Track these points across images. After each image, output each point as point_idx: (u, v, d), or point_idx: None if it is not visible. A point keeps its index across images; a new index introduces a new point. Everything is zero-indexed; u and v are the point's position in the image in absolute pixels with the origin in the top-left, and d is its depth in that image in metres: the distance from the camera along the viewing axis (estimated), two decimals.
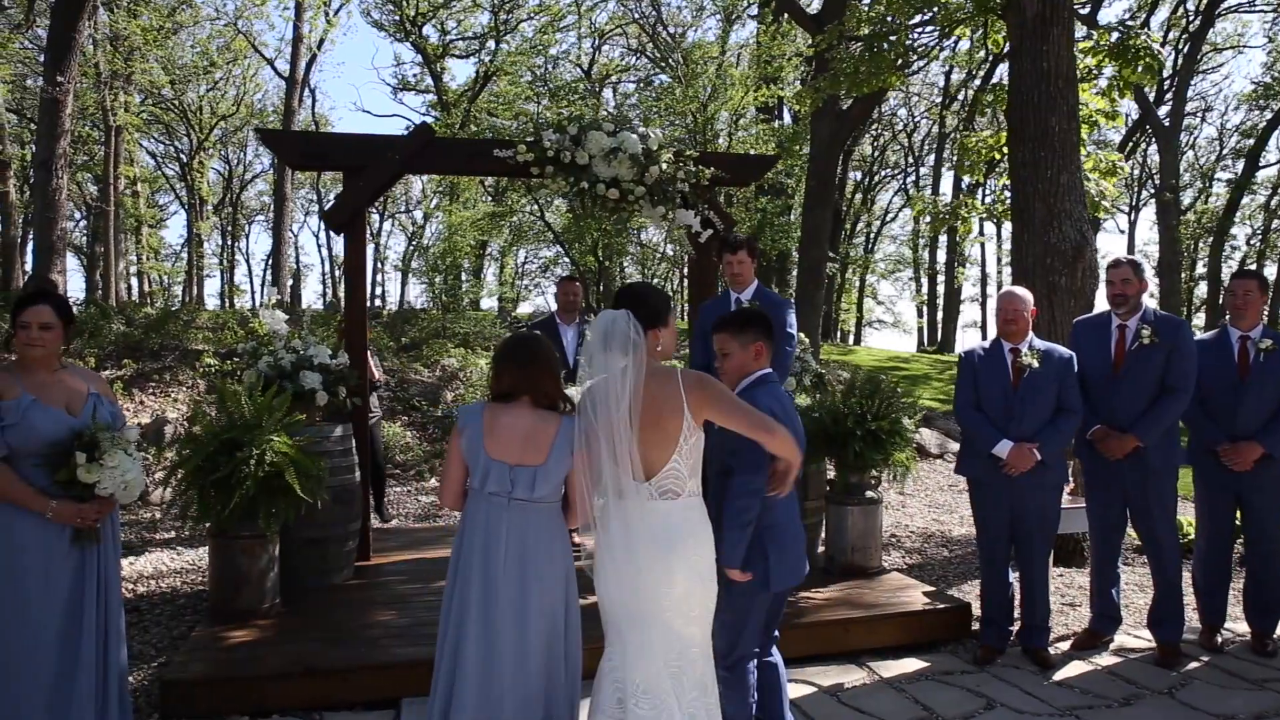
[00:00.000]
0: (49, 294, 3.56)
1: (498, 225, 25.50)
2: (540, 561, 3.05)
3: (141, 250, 31.87)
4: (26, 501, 3.24)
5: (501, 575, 3.03)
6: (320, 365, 5.62)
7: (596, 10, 26.58)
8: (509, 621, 3.02)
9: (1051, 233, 7.16)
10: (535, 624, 3.04)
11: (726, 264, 5.34)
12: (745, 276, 5.33)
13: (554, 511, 3.14)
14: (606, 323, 2.94)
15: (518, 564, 3.03)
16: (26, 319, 3.34)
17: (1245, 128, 33.46)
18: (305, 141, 6.48)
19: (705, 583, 3.03)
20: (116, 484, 3.36)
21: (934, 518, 9.22)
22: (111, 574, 3.51)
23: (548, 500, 3.09)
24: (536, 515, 3.08)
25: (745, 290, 5.33)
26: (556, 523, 3.14)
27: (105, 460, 3.32)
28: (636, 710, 2.90)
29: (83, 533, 3.35)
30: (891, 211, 42.82)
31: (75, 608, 3.32)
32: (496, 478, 3.04)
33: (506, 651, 3.01)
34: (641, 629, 2.96)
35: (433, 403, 12.14)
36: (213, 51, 25.64)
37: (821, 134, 15.80)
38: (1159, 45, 7.49)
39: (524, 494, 3.04)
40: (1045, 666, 4.79)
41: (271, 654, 4.28)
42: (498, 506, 3.06)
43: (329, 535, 5.46)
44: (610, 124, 6.14)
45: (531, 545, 3.06)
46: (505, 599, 3.02)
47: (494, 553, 3.04)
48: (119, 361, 11.30)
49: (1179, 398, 4.80)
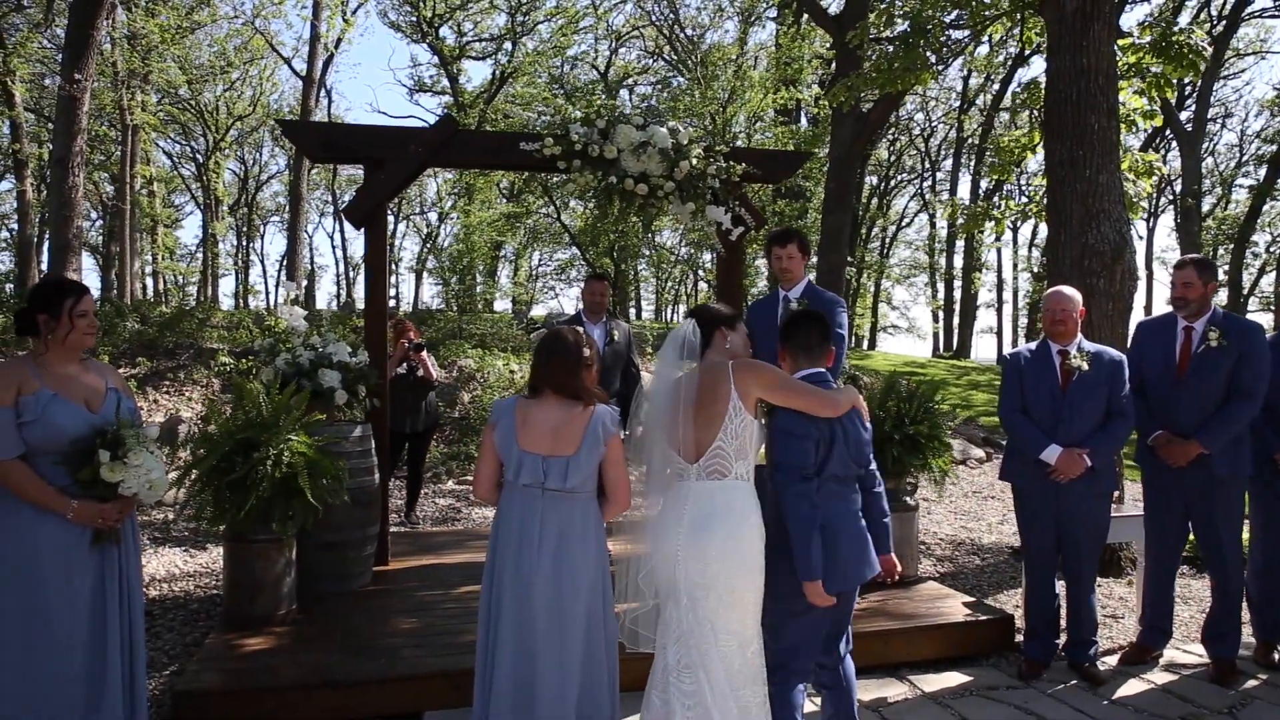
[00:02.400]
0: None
1: (514, 226, 25.37)
2: (574, 550, 3.13)
3: (157, 250, 31.92)
4: (47, 502, 3.10)
5: (535, 565, 3.10)
6: (340, 363, 5.46)
7: (614, 12, 26.49)
8: (543, 612, 3.08)
9: (1090, 233, 6.94)
10: (572, 611, 3.10)
11: (775, 258, 5.10)
12: (795, 272, 5.10)
13: (588, 502, 3.20)
14: (675, 330, 3.27)
15: (552, 554, 3.11)
16: (84, 308, 3.26)
17: (1267, 134, 33.08)
18: (327, 133, 6.32)
19: (744, 566, 3.06)
20: (141, 483, 3.23)
21: (961, 525, 9.00)
22: (133, 576, 3.40)
23: (581, 491, 3.16)
24: (570, 505, 3.15)
25: (795, 287, 5.11)
26: (591, 513, 3.20)
27: (130, 459, 3.19)
28: (678, 684, 3.04)
29: (103, 534, 3.22)
30: (907, 216, 42.59)
31: (99, 611, 3.21)
32: (530, 469, 3.13)
33: (542, 642, 3.07)
34: (676, 605, 3.09)
35: (449, 404, 11.98)
36: (230, 51, 25.59)
37: (842, 136, 15.57)
38: (1204, 41, 7.25)
39: (556, 484, 3.12)
40: (1094, 683, 4.57)
41: (289, 664, 4.11)
42: (532, 497, 3.15)
43: (347, 539, 5.29)
44: (639, 118, 5.98)
45: (566, 534, 3.13)
46: (540, 590, 3.09)
47: (528, 543, 3.12)
48: (133, 360, 11.20)
49: (1250, 403, 4.56)
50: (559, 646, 3.07)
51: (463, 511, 8.93)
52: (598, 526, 3.22)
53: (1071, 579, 4.71)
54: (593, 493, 3.21)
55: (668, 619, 3.11)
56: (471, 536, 7.19)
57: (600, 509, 3.23)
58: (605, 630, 3.20)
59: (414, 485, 8.14)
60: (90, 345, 3.35)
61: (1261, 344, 4.65)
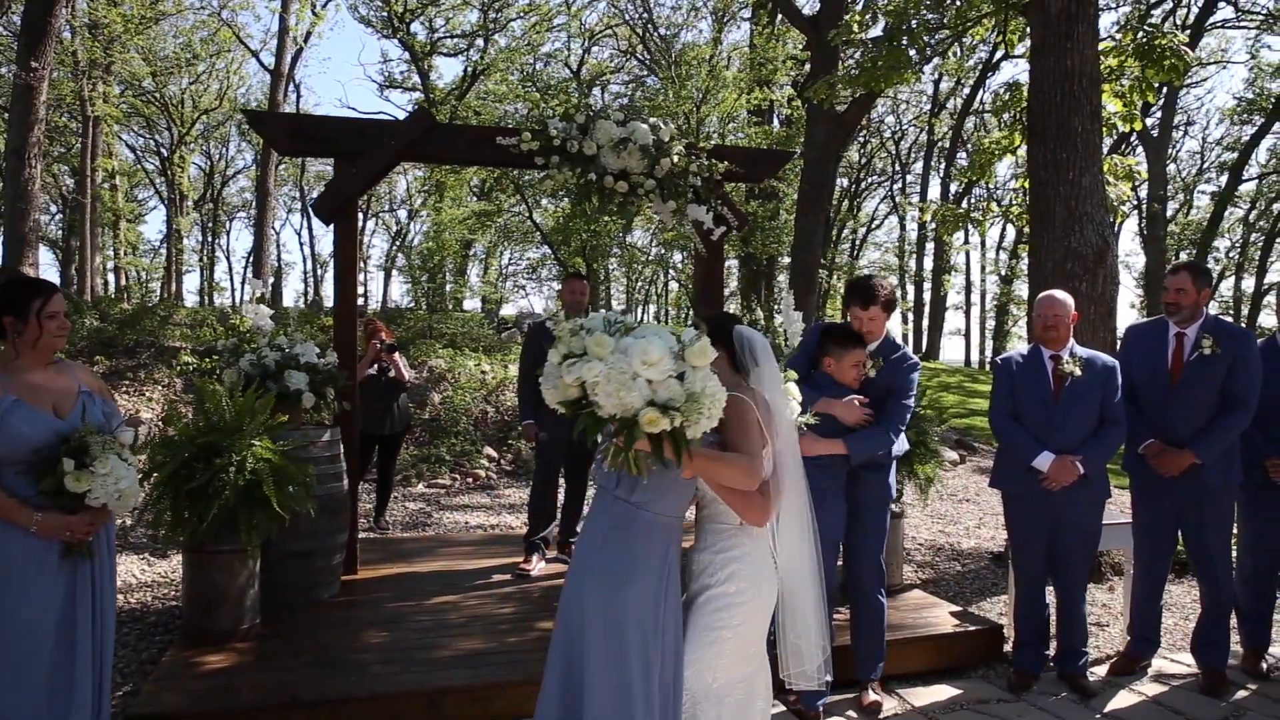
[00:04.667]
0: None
1: (484, 224, 25.09)
2: (623, 572, 2.68)
3: (119, 245, 31.19)
4: (8, 514, 2.91)
5: (581, 572, 2.74)
6: (307, 364, 5.24)
7: (587, 10, 26.28)
8: (577, 625, 2.70)
9: (1073, 236, 6.88)
10: (613, 635, 2.64)
11: (855, 319, 4.31)
12: (878, 333, 4.33)
13: (657, 525, 2.73)
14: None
15: (601, 568, 2.70)
16: (54, 309, 3.09)
17: (1228, 142, 33.69)
18: (295, 124, 6.08)
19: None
20: (109, 493, 3.03)
21: (939, 529, 8.93)
22: (106, 594, 3.19)
23: (649, 509, 2.71)
24: (634, 521, 2.72)
25: (872, 344, 4.36)
26: (659, 538, 2.73)
27: (96, 467, 2.98)
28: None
29: (74, 547, 3.02)
30: (878, 219, 42.84)
31: (68, 630, 3.02)
32: (612, 470, 2.72)
33: (576, 659, 2.70)
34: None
35: (420, 405, 11.73)
36: (196, 43, 25.06)
37: (816, 137, 15.52)
38: (1185, 45, 7.22)
39: (624, 494, 2.72)
40: (1086, 695, 4.47)
41: (250, 683, 3.88)
42: (602, 499, 2.81)
43: (315, 548, 5.06)
44: (620, 114, 5.81)
45: (621, 552, 2.70)
46: (588, 600, 2.69)
47: (585, 546, 2.78)
48: (91, 358, 10.82)
49: (1243, 413, 4.49)
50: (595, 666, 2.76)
51: (434, 516, 8.71)
52: (662, 556, 2.81)
53: (1063, 588, 4.61)
54: (672, 520, 2.85)
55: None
56: (444, 543, 6.98)
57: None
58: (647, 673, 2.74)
59: (384, 490, 7.92)
60: (60, 347, 3.18)
61: (1253, 351, 4.58)
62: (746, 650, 2.82)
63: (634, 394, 2.40)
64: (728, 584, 2.80)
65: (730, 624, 2.78)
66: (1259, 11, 26.06)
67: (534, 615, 4.97)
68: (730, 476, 2.65)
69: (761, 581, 2.81)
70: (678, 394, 2.43)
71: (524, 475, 10.51)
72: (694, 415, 2.43)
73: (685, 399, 2.43)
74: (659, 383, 2.43)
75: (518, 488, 10.17)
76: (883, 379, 4.24)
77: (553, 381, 2.55)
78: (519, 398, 6.49)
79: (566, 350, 2.51)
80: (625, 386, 2.39)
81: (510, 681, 3.96)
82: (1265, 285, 35.51)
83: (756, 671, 2.86)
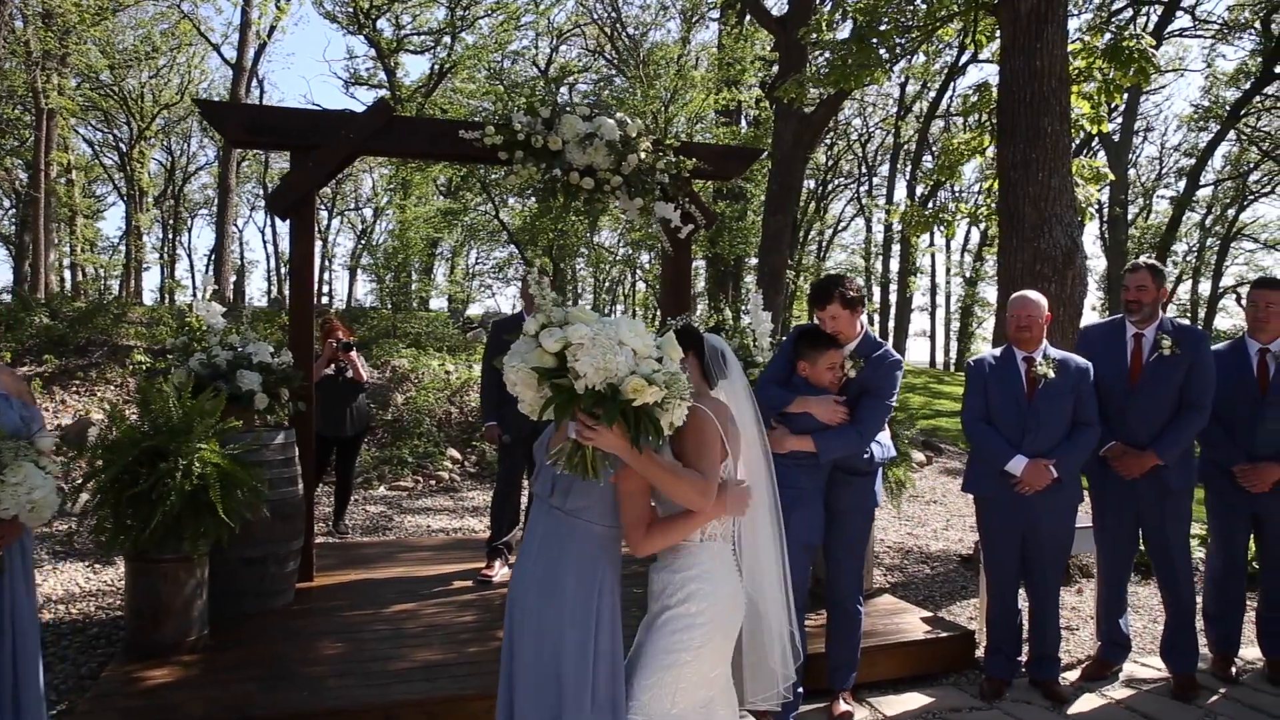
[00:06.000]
0: None
1: (450, 223, 24.80)
2: (556, 580, 2.61)
3: (76, 241, 30.44)
4: None
5: (520, 583, 2.69)
6: (260, 364, 5.05)
7: (555, 9, 26.05)
8: (518, 633, 2.65)
9: (1042, 238, 6.86)
10: (548, 647, 2.58)
11: (819, 321, 4.18)
12: (847, 333, 4.15)
13: (592, 534, 2.64)
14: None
15: (537, 580, 2.64)
16: None
17: (1186, 148, 34.36)
18: (250, 115, 5.86)
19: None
20: (20, 504, 2.81)
21: (907, 531, 8.89)
22: (21, 612, 2.95)
23: (583, 517, 2.63)
24: (569, 530, 2.64)
25: (849, 344, 4.20)
26: (594, 548, 2.65)
27: (7, 475, 2.77)
28: None
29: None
30: (844, 220, 43.05)
31: None
32: (543, 477, 2.73)
33: (520, 672, 2.63)
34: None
35: (383, 406, 11.50)
36: (155, 35, 24.50)
37: (784, 137, 15.50)
38: (1153, 48, 7.23)
39: (558, 502, 2.66)
40: (1058, 701, 4.41)
41: (197, 698, 3.69)
42: (539, 509, 2.75)
43: (267, 555, 4.87)
44: (586, 108, 5.67)
45: (556, 562, 2.63)
46: (518, 608, 2.67)
47: (523, 556, 2.73)
48: (40, 357, 10.48)
49: (1199, 414, 4.48)
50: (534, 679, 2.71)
51: (394, 520, 8.51)
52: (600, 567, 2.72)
53: (1035, 593, 4.55)
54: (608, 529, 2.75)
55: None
56: (404, 547, 6.80)
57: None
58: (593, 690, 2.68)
59: (342, 493, 7.71)
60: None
61: (1208, 354, 4.58)
62: (708, 673, 2.67)
63: (620, 359, 2.33)
64: (687, 604, 2.64)
65: (690, 645, 2.62)
66: (1214, 21, 26.53)
67: (495, 624, 4.81)
68: (682, 493, 2.54)
69: (723, 601, 2.66)
70: (660, 374, 2.38)
71: (488, 477, 10.33)
72: (674, 396, 2.37)
73: (668, 377, 2.38)
74: (642, 357, 2.38)
75: (481, 490, 9.99)
76: (865, 378, 4.11)
77: (522, 355, 2.45)
78: (482, 399, 6.33)
79: (546, 320, 2.45)
80: (611, 350, 2.33)
81: (469, 694, 3.81)
82: (1221, 289, 36.27)
83: (719, 695, 2.72)
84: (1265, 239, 36.84)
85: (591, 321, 2.41)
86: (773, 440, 3.67)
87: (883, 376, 4.10)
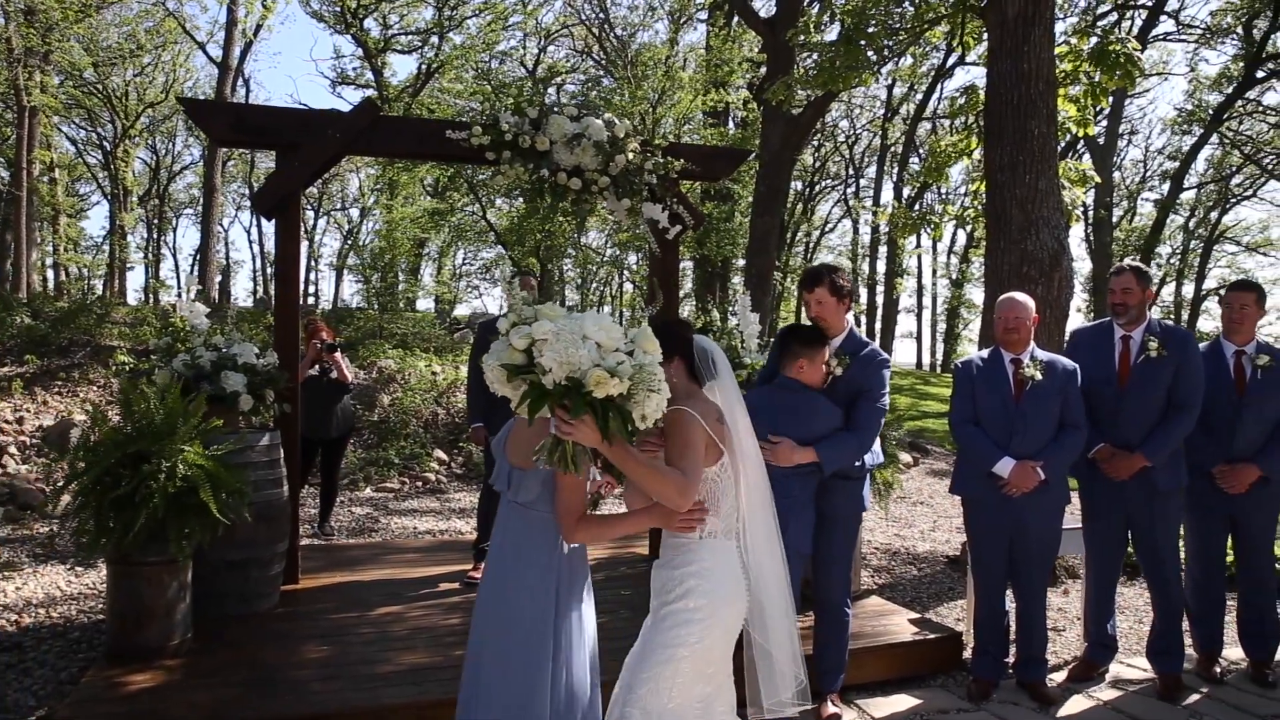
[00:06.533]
0: None
1: (438, 223, 24.72)
2: (521, 570, 2.80)
3: (59, 241, 30.18)
4: None
5: (489, 576, 2.88)
6: (245, 365, 5.00)
7: (543, 9, 26.02)
8: (485, 629, 2.83)
9: (1029, 240, 6.89)
10: (515, 635, 2.75)
11: (805, 305, 4.22)
12: (831, 321, 4.17)
13: (548, 522, 2.80)
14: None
15: (500, 568, 2.84)
16: None
17: (1170, 151, 34.62)
18: (235, 114, 5.81)
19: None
20: None
21: (894, 533, 8.91)
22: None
23: (537, 509, 2.80)
24: (526, 523, 2.82)
25: (834, 338, 4.21)
26: (552, 534, 2.81)
27: None
28: None
29: None
30: (831, 222, 43.17)
31: None
32: (502, 476, 2.92)
33: (485, 663, 2.80)
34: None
35: (369, 407, 11.44)
36: (140, 33, 24.31)
37: (772, 139, 15.53)
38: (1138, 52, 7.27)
39: (514, 496, 2.85)
40: (1046, 702, 4.42)
41: (179, 703, 3.64)
42: (504, 506, 2.93)
43: (251, 558, 4.82)
44: (573, 109, 5.64)
45: (516, 552, 2.82)
46: (482, 603, 2.86)
47: (493, 551, 2.91)
48: (21, 357, 10.38)
49: (1188, 415, 4.49)
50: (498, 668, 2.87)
51: (380, 521, 8.46)
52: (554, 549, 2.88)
53: (1023, 595, 4.55)
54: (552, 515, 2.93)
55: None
56: (390, 549, 6.76)
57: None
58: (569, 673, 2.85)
59: (328, 496, 7.66)
60: None
61: (1196, 354, 4.59)
62: (705, 670, 2.67)
63: (582, 352, 2.37)
64: (685, 600, 2.65)
65: (686, 641, 2.63)
66: (1197, 26, 26.76)
67: None
68: (660, 489, 2.56)
69: (721, 598, 2.67)
70: (625, 366, 2.40)
71: (475, 478, 10.29)
72: (641, 388, 2.39)
73: (634, 369, 2.41)
74: (607, 349, 2.42)
75: (468, 491, 9.95)
76: (851, 377, 4.10)
77: (498, 354, 2.51)
78: (468, 400, 6.30)
79: (517, 319, 2.51)
80: (574, 344, 2.38)
81: (456, 698, 3.77)
82: (1204, 291, 36.55)
83: (716, 692, 2.71)
84: (1247, 242, 37.20)
85: (558, 318, 2.46)
86: (779, 454, 3.70)
87: (871, 376, 4.10)
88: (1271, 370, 4.73)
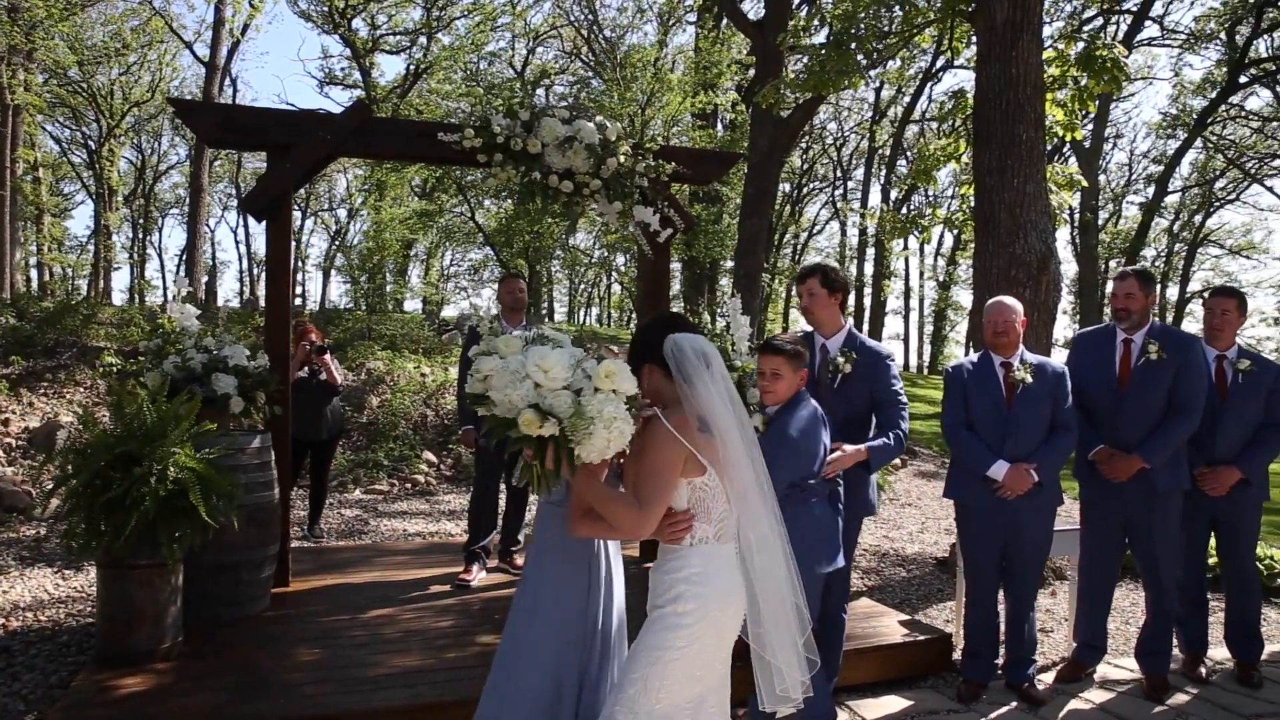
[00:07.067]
0: None
1: (426, 225, 24.65)
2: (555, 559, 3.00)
3: (42, 240, 29.94)
4: None
5: (529, 565, 3.07)
6: (236, 367, 4.98)
7: (532, 11, 26.00)
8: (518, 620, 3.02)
9: (1017, 244, 6.93)
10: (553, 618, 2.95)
11: (799, 298, 4.22)
12: (823, 316, 4.20)
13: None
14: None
15: (538, 557, 3.03)
16: None
17: (1154, 155, 34.91)
18: (225, 114, 5.79)
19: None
20: None
21: (883, 534, 8.94)
22: None
23: (565, 506, 2.91)
24: (553, 518, 2.99)
25: (834, 336, 4.24)
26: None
27: None
28: None
29: None
30: (819, 224, 43.29)
31: None
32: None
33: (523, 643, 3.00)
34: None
35: (358, 408, 11.41)
36: (126, 32, 24.14)
37: (761, 142, 15.57)
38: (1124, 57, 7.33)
39: (546, 497, 2.96)
40: (1035, 704, 4.45)
41: (170, 708, 3.62)
42: (540, 509, 3.08)
43: (242, 561, 4.80)
44: (565, 111, 5.65)
45: (546, 543, 3.02)
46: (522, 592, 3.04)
47: (533, 545, 3.08)
48: (6, 358, 10.30)
49: (1189, 418, 4.52)
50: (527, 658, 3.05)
51: (370, 524, 8.44)
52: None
53: (1014, 596, 4.58)
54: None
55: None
56: (380, 552, 6.74)
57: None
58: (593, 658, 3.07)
59: (317, 498, 7.64)
60: None
61: (1198, 358, 4.62)
62: (694, 672, 2.67)
63: (518, 392, 2.46)
64: (675, 604, 2.65)
65: (674, 645, 2.63)
66: (1181, 31, 27.00)
67: (474, 629, 4.78)
68: (615, 517, 2.62)
69: (712, 602, 2.66)
70: (565, 406, 2.47)
71: (464, 481, 10.28)
72: (580, 433, 2.46)
73: (572, 413, 2.47)
74: (548, 390, 2.49)
75: (458, 493, 9.93)
76: (860, 375, 4.12)
77: (470, 381, 2.66)
78: (459, 402, 6.29)
79: (486, 347, 2.63)
80: (511, 385, 2.48)
81: (449, 701, 3.77)
82: (1189, 293, 36.82)
83: (706, 694, 2.71)
84: (1231, 245, 37.50)
85: (508, 354, 2.57)
86: (839, 462, 3.80)
87: (880, 377, 4.17)
88: (1252, 375, 4.80)
